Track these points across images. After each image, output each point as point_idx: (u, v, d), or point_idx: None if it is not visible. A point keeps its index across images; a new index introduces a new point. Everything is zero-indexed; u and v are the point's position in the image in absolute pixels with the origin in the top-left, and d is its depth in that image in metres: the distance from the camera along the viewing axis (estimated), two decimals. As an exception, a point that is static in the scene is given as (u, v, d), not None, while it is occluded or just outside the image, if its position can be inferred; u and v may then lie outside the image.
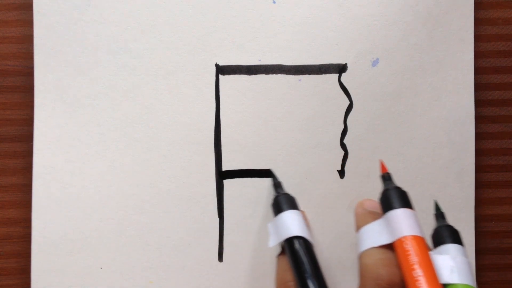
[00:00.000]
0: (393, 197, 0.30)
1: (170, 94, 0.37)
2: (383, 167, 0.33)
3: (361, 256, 0.30)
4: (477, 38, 0.39)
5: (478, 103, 0.39)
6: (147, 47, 0.37)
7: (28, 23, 0.37)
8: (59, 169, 0.37)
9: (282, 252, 0.33)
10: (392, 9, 0.37)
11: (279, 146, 0.37)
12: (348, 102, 0.38)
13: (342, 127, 0.38)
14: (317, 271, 0.31)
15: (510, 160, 0.39)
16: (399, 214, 0.29)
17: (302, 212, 0.35)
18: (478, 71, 0.39)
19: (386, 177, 0.32)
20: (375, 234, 0.30)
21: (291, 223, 0.33)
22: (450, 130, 0.38)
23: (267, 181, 0.38)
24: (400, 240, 0.28)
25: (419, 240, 0.28)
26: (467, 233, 0.38)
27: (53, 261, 0.37)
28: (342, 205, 0.38)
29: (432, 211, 0.33)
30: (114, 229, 0.37)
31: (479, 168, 0.39)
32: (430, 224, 0.35)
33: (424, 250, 0.28)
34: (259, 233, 0.38)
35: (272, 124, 0.37)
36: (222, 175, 0.37)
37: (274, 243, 0.33)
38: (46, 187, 0.37)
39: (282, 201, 0.34)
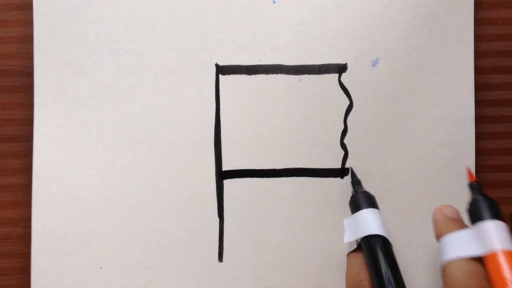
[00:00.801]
0: (484, 208, 0.29)
1: (170, 94, 0.37)
2: (470, 175, 0.32)
3: (448, 266, 0.29)
4: (477, 38, 0.39)
5: (478, 103, 0.39)
6: (147, 47, 0.37)
7: (28, 23, 0.37)
8: (59, 169, 0.37)
9: (356, 250, 0.33)
10: (392, 9, 0.37)
11: (279, 146, 0.37)
12: (348, 102, 0.38)
13: (342, 127, 0.38)
14: (395, 272, 0.31)
15: (510, 160, 0.39)
16: (491, 227, 0.29)
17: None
18: (478, 71, 0.39)
19: (475, 186, 0.31)
20: (463, 244, 0.29)
21: (371, 221, 0.32)
22: (450, 130, 0.38)
23: (268, 181, 0.38)
24: (493, 254, 0.28)
25: None
26: (467, 233, 0.38)
27: (53, 261, 0.37)
28: (342, 205, 0.38)
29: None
30: (114, 229, 0.37)
31: (479, 168, 0.39)
32: (430, 223, 0.35)
33: None
34: (260, 233, 0.38)
35: (272, 124, 0.37)
36: (222, 175, 0.37)
37: (349, 239, 0.33)
38: (46, 187, 0.37)
39: (362, 199, 0.34)
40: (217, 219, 0.37)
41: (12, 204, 0.38)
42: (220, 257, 0.37)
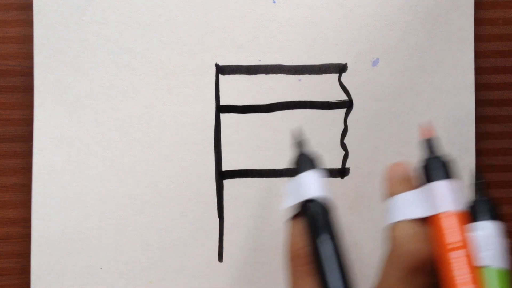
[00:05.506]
0: (436, 167, 0.27)
1: (170, 94, 0.37)
2: (425, 131, 0.29)
3: (393, 228, 0.27)
4: (477, 38, 0.39)
5: (478, 103, 0.39)
6: (147, 47, 0.37)
7: (28, 23, 0.37)
8: (59, 169, 0.37)
9: (297, 216, 0.30)
10: (392, 9, 0.37)
11: (279, 146, 0.37)
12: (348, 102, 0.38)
13: (342, 127, 0.38)
14: (332, 236, 0.28)
15: (510, 160, 0.39)
16: (440, 186, 0.26)
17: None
18: (478, 71, 0.39)
19: (430, 144, 0.28)
20: (411, 205, 0.27)
21: (310, 184, 0.29)
22: (450, 130, 0.38)
23: (267, 181, 0.38)
24: (438, 216, 0.26)
25: (459, 217, 0.26)
26: (467, 233, 0.38)
27: (53, 261, 0.37)
28: (342, 205, 0.38)
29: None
30: (114, 229, 0.37)
31: (479, 168, 0.39)
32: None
33: (464, 229, 0.25)
34: (259, 232, 0.38)
35: (272, 124, 0.37)
36: (222, 175, 0.37)
37: (289, 204, 0.30)
38: (46, 187, 0.37)
39: (303, 161, 0.30)
40: (217, 219, 0.37)
41: (12, 204, 0.38)
42: (220, 257, 0.37)
